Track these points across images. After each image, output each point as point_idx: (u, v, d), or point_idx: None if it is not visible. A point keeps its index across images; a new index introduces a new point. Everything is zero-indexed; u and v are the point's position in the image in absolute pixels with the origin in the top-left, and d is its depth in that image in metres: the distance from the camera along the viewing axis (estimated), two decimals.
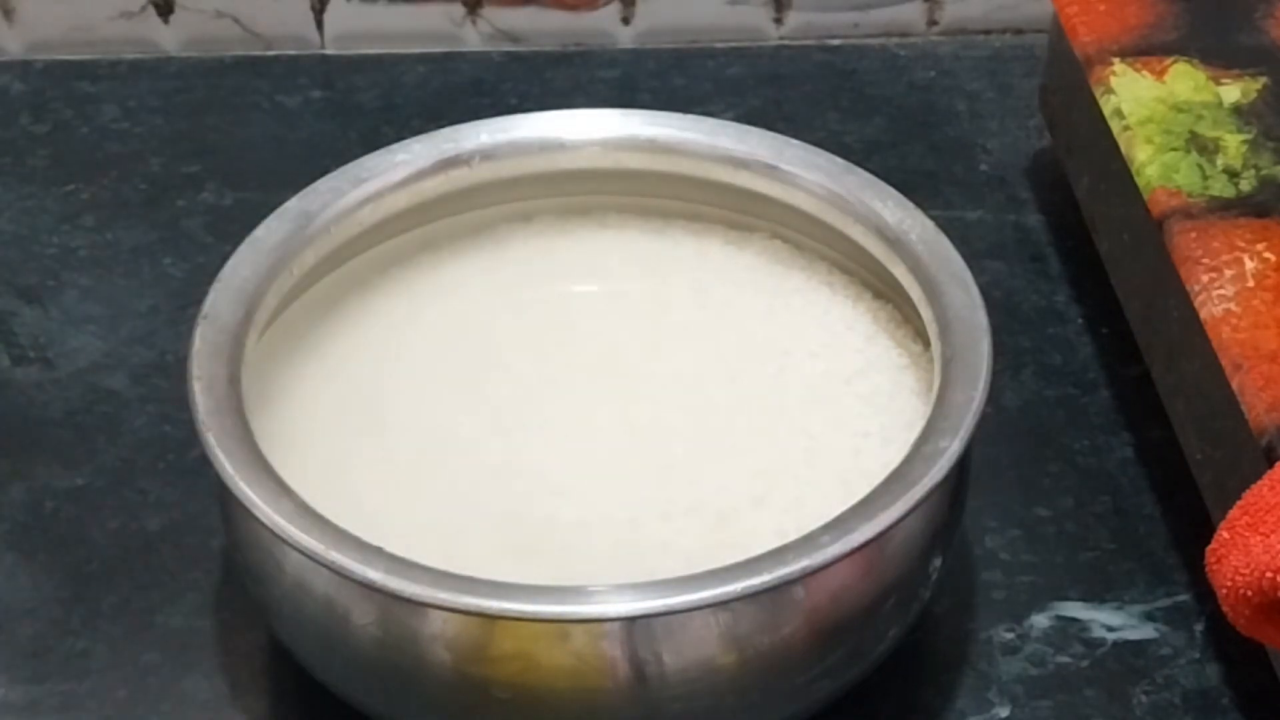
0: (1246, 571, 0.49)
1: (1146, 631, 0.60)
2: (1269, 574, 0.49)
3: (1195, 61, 0.68)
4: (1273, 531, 0.49)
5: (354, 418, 0.58)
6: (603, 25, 0.88)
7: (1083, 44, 0.69)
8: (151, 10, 0.87)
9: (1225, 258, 0.59)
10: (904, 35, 0.89)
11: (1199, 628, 0.60)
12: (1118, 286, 0.69)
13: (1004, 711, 0.58)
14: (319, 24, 0.88)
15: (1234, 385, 0.56)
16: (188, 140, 0.82)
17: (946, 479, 0.51)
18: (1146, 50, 0.68)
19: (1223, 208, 0.61)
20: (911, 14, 0.89)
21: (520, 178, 0.64)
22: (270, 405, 0.58)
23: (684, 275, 0.64)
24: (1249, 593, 0.50)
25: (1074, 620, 0.60)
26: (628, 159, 0.64)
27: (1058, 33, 0.73)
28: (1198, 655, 0.59)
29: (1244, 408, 0.55)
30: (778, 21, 0.89)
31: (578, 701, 0.50)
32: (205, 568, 0.62)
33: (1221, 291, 0.58)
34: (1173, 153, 0.64)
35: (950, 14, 0.89)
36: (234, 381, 0.54)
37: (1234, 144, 0.64)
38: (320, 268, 0.61)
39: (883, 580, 0.52)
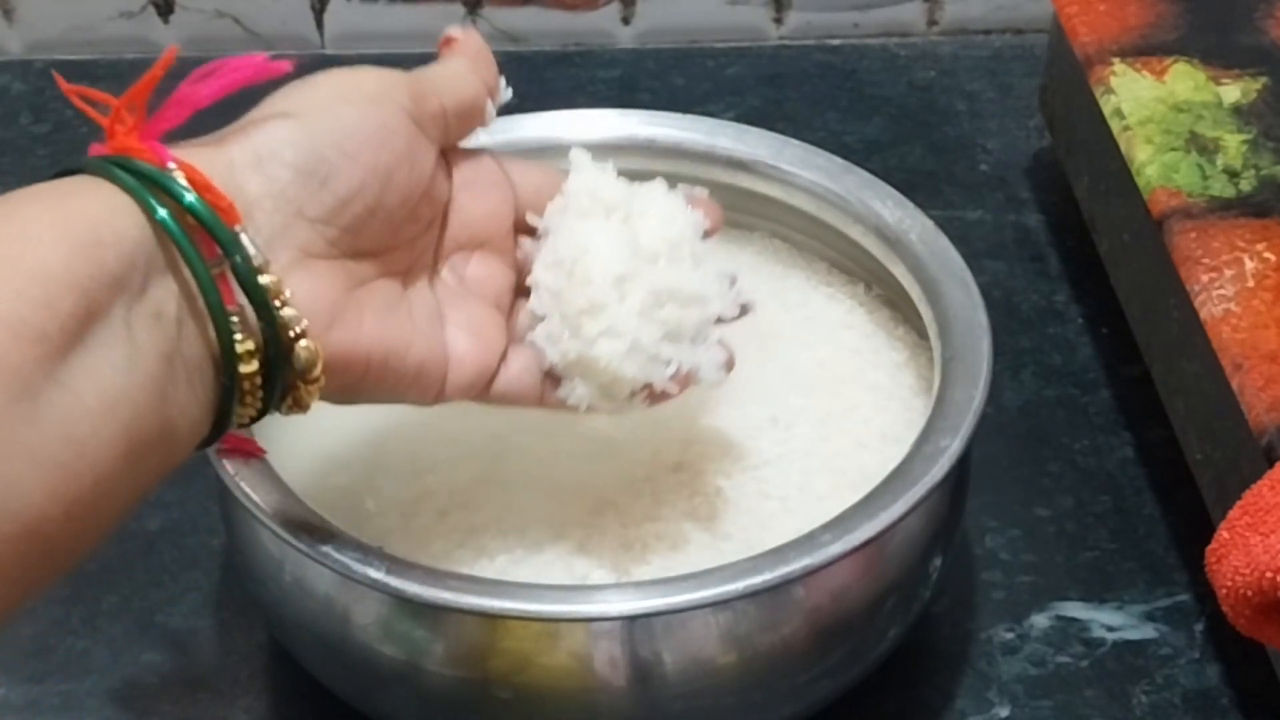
0: (1246, 571, 0.50)
1: (1146, 631, 0.60)
2: (1269, 574, 0.49)
3: (1195, 61, 0.68)
4: (1273, 531, 0.49)
5: (354, 417, 0.58)
6: (603, 25, 0.88)
7: (1083, 44, 0.69)
8: (151, 10, 0.87)
9: (1225, 258, 0.59)
10: (904, 35, 0.89)
11: (1199, 628, 0.60)
12: (1118, 286, 0.69)
13: (1004, 711, 0.58)
14: (319, 24, 0.88)
15: (1234, 385, 0.56)
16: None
17: (947, 478, 0.51)
18: (1146, 50, 0.68)
19: (1223, 208, 0.61)
20: (911, 14, 0.89)
21: None
22: None
23: None
24: (1249, 593, 0.50)
25: (1074, 620, 0.60)
26: (627, 159, 0.64)
27: (1058, 33, 0.73)
28: (1198, 655, 0.59)
29: (1244, 408, 0.55)
30: (778, 21, 0.89)
31: (578, 701, 0.50)
32: (205, 567, 0.62)
33: (1221, 291, 0.58)
34: (1173, 153, 0.64)
35: (950, 14, 0.89)
36: None
37: (1234, 144, 0.64)
38: None
39: (883, 579, 0.52)
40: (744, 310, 0.53)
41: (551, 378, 0.52)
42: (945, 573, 0.56)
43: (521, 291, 0.52)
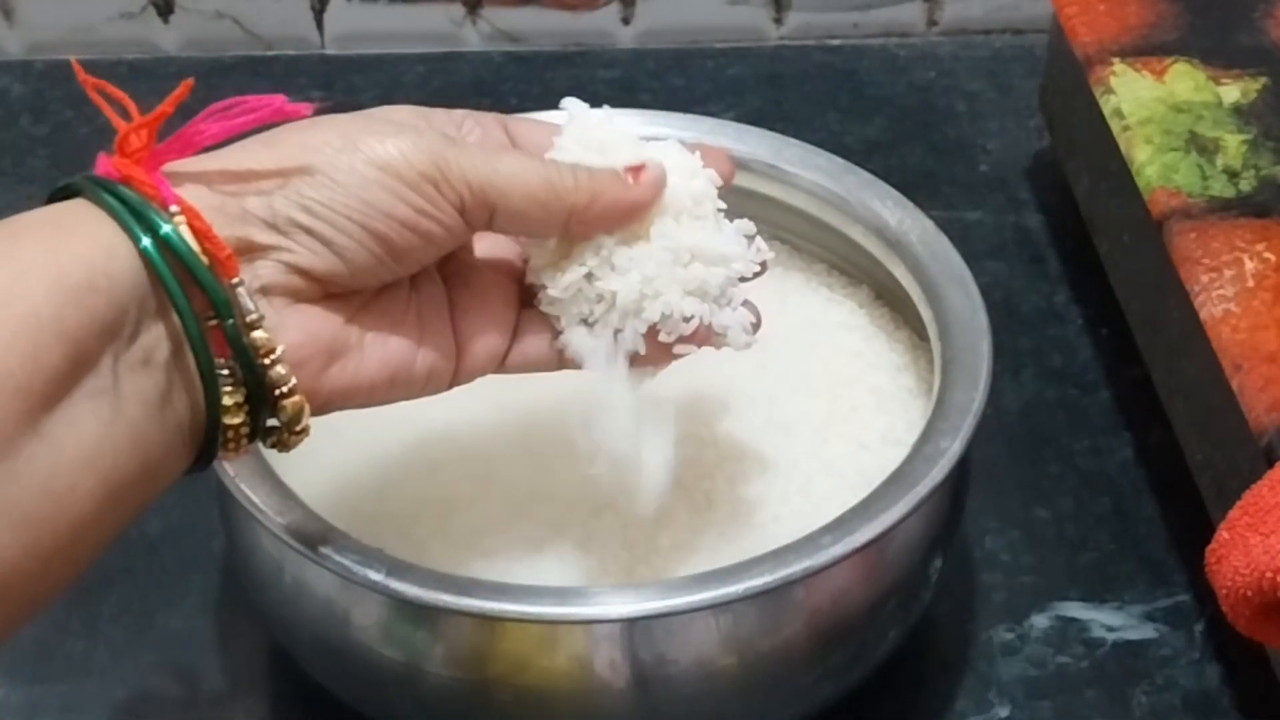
0: (1246, 571, 0.50)
1: (1146, 632, 0.60)
2: (1269, 574, 0.49)
3: (1195, 61, 0.68)
4: (1273, 532, 0.49)
5: (354, 419, 0.58)
6: (603, 25, 0.88)
7: (1083, 44, 0.69)
8: (151, 11, 0.87)
9: (1225, 258, 0.59)
10: (904, 35, 0.89)
11: (1199, 628, 0.60)
12: (1117, 287, 0.69)
13: (1004, 712, 0.58)
14: (319, 24, 0.88)
15: (1234, 386, 0.56)
16: None
17: (947, 480, 0.51)
18: (1146, 50, 0.68)
19: (1223, 208, 0.61)
20: (911, 14, 0.89)
21: None
22: None
23: None
24: (1249, 593, 0.50)
25: (1074, 621, 0.60)
26: None
27: (1058, 33, 0.73)
28: (1198, 656, 0.59)
29: (1244, 408, 0.55)
30: (778, 21, 0.89)
31: (578, 703, 0.50)
32: (205, 570, 0.62)
33: (1221, 292, 0.58)
34: (1173, 153, 0.64)
35: (950, 14, 0.89)
36: None
37: (1234, 144, 0.64)
38: None
39: (883, 581, 0.52)
40: (763, 268, 0.52)
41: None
42: (945, 574, 0.56)
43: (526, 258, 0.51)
